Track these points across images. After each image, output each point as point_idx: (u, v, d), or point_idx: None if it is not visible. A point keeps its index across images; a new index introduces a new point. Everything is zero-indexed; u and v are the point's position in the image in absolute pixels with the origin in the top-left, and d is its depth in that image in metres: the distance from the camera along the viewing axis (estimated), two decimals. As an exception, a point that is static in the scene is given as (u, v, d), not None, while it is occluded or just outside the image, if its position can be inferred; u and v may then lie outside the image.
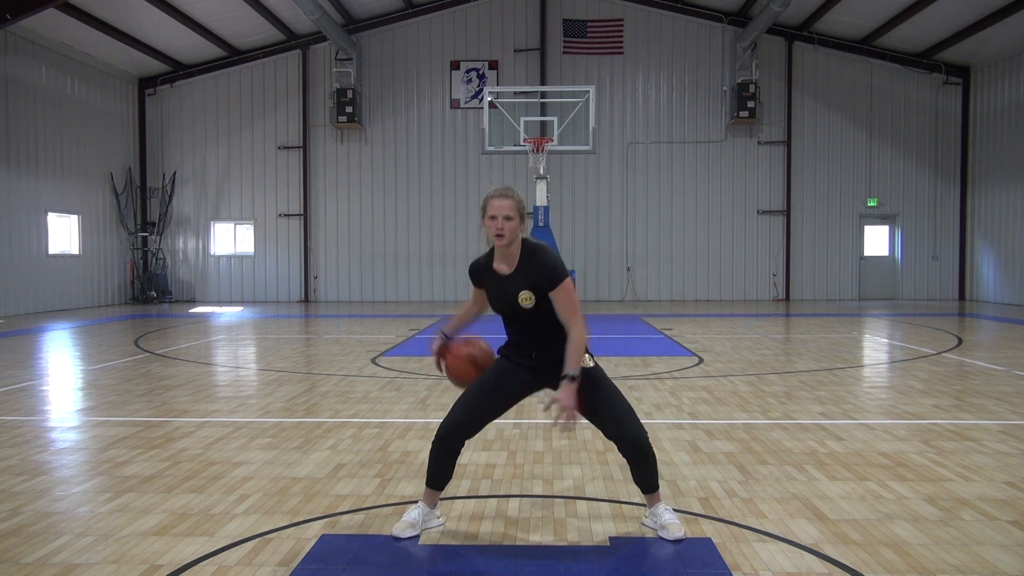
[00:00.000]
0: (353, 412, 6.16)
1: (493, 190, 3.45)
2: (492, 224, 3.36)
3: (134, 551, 3.30)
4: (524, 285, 3.39)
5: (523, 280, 3.40)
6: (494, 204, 3.37)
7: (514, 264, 3.44)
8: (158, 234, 21.10)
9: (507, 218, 3.35)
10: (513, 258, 3.44)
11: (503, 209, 3.35)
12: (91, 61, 18.84)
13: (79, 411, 6.34)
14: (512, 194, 3.41)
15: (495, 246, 3.43)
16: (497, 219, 3.35)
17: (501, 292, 3.46)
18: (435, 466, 3.48)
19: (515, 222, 3.37)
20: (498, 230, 3.35)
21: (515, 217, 3.37)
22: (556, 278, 3.35)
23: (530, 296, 3.39)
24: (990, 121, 19.63)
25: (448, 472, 3.50)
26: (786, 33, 20.44)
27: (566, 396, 3.28)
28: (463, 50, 20.96)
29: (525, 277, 3.40)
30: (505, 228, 3.35)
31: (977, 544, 3.34)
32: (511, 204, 3.37)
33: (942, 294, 20.85)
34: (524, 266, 3.42)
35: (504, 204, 3.36)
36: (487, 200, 3.42)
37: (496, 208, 3.36)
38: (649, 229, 20.90)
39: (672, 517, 3.45)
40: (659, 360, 9.13)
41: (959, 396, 6.72)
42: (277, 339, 11.88)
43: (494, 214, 3.36)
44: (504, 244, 3.38)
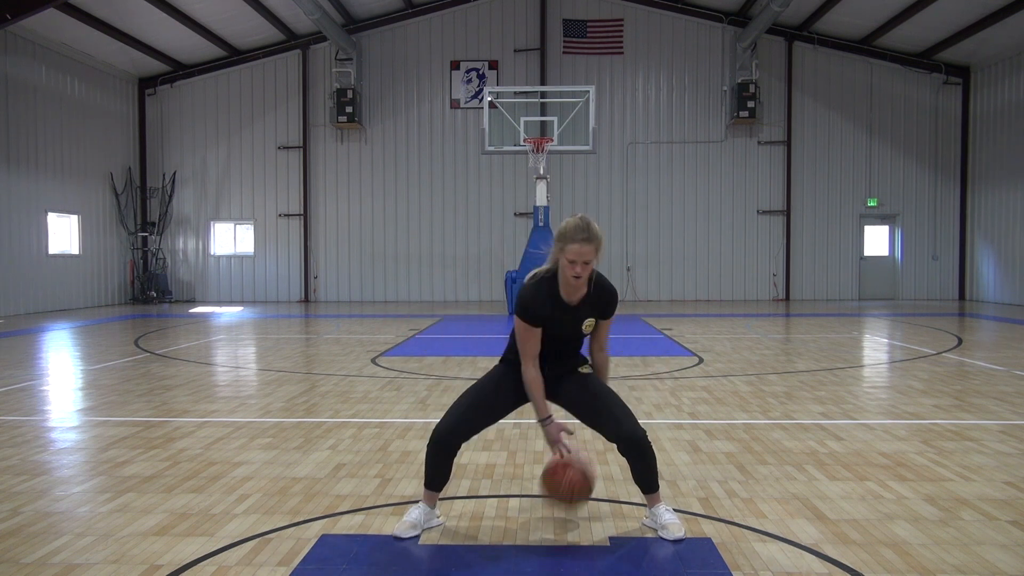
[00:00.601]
0: (353, 412, 6.16)
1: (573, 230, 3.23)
2: (571, 268, 3.26)
3: (134, 551, 3.30)
4: (591, 313, 3.46)
5: (591, 309, 3.46)
6: (574, 250, 3.23)
7: (583, 294, 3.43)
8: (158, 234, 21.10)
9: (586, 263, 3.27)
10: (584, 288, 3.42)
11: (584, 256, 3.25)
12: (91, 61, 18.84)
13: (79, 411, 6.34)
14: (594, 237, 3.25)
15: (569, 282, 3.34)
16: (577, 264, 3.25)
17: (568, 320, 3.43)
18: (431, 468, 3.49)
19: (592, 263, 3.29)
20: (576, 274, 3.28)
21: (593, 260, 3.28)
22: (615, 306, 3.51)
23: (592, 323, 3.47)
24: (990, 121, 19.63)
25: (445, 474, 3.50)
26: (786, 33, 20.44)
27: None
28: (463, 50, 20.96)
29: (592, 305, 3.45)
30: (583, 273, 3.29)
31: (977, 544, 3.34)
32: (592, 249, 3.25)
33: (942, 294, 20.85)
34: (594, 295, 3.45)
35: (586, 251, 3.24)
36: (567, 241, 3.24)
37: (578, 254, 3.23)
38: (649, 229, 20.90)
39: (672, 517, 3.45)
40: (659, 360, 9.13)
41: (959, 396, 6.72)
42: (277, 339, 11.88)
43: (574, 259, 3.24)
44: (580, 285, 3.37)
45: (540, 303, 3.38)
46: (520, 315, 3.38)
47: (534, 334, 3.39)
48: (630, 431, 3.38)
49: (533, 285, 3.41)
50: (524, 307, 3.37)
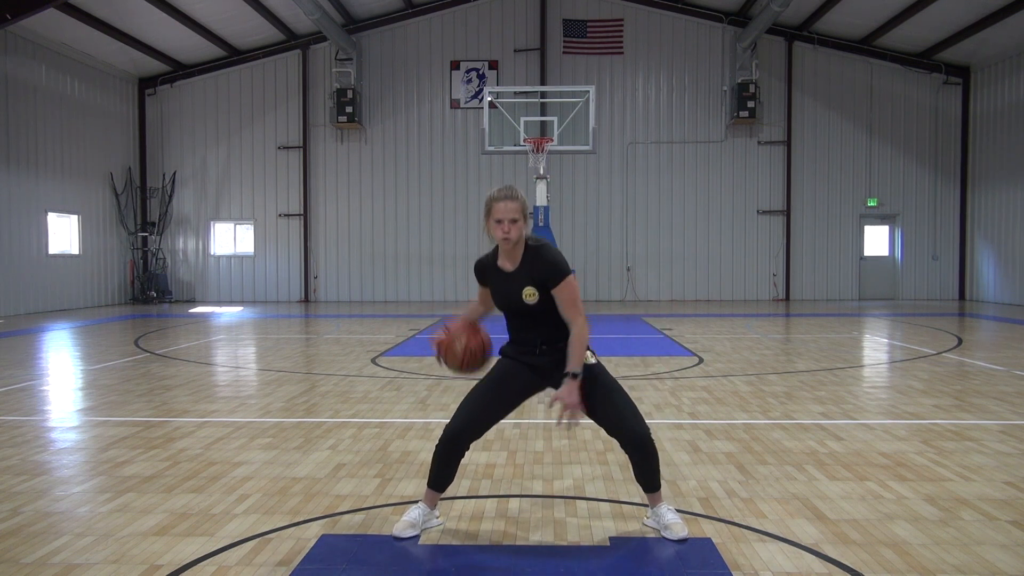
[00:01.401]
0: (353, 412, 6.16)
1: (496, 191, 3.43)
2: (498, 227, 3.37)
3: (134, 551, 3.30)
4: (528, 282, 3.41)
5: (527, 277, 3.42)
6: (499, 207, 3.37)
7: (518, 261, 3.45)
8: (158, 234, 21.10)
9: (512, 221, 3.36)
10: (517, 256, 3.45)
11: (509, 212, 3.35)
12: (91, 61, 18.84)
13: (79, 411, 6.34)
14: (516, 195, 3.40)
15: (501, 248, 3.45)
16: (504, 223, 3.36)
17: (505, 290, 3.47)
18: (438, 469, 3.48)
19: (520, 223, 3.38)
20: (505, 233, 3.36)
21: (520, 219, 3.38)
22: (559, 275, 3.38)
23: (534, 292, 3.41)
24: (990, 121, 19.63)
25: (451, 475, 3.51)
26: (786, 33, 20.44)
27: (568, 393, 3.32)
28: (463, 50, 20.96)
29: (529, 274, 3.42)
30: (511, 231, 3.36)
31: (977, 544, 3.34)
32: (516, 207, 3.37)
33: (942, 294, 20.85)
34: (528, 263, 3.43)
35: (510, 207, 3.36)
36: (491, 202, 3.40)
37: (502, 211, 3.36)
38: (649, 229, 20.90)
39: (675, 517, 3.45)
40: (659, 360, 9.13)
41: (959, 396, 6.72)
42: (277, 339, 11.88)
43: (500, 218, 3.36)
44: (510, 246, 3.41)
45: (482, 267, 3.58)
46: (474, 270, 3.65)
47: (481, 290, 3.64)
48: (633, 427, 3.37)
49: (486, 254, 3.60)
50: (475, 265, 3.65)
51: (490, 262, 3.54)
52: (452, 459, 3.46)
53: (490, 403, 3.49)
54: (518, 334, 3.56)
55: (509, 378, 3.53)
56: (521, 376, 3.53)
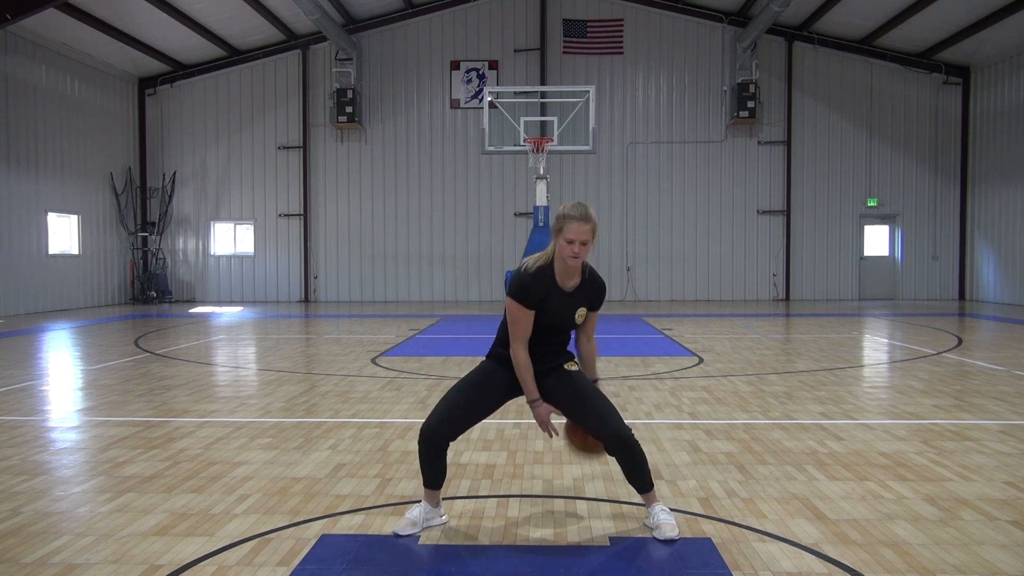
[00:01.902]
0: (353, 412, 6.16)
1: (571, 209, 3.35)
2: (569, 247, 3.34)
3: (134, 551, 3.30)
4: (584, 302, 3.49)
5: (584, 297, 3.49)
6: (573, 228, 3.32)
7: (578, 281, 3.48)
8: (158, 234, 21.10)
9: (583, 243, 3.34)
10: (577, 275, 3.48)
11: (583, 234, 3.33)
12: (91, 61, 18.84)
13: (79, 411, 6.34)
14: (591, 217, 3.36)
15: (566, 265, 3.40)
16: (575, 243, 3.33)
17: (562, 307, 3.46)
18: (425, 467, 3.49)
19: (590, 245, 3.37)
20: (575, 254, 3.34)
21: (590, 241, 3.36)
22: (604, 298, 3.58)
23: (584, 313, 3.51)
24: (990, 121, 19.63)
25: (440, 471, 3.50)
26: (786, 33, 20.44)
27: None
28: (463, 50, 20.96)
29: (586, 294, 3.50)
30: (581, 253, 3.35)
31: (977, 544, 3.34)
32: (589, 229, 3.34)
33: (942, 294, 20.85)
34: (587, 284, 3.50)
35: (584, 229, 3.32)
36: (565, 220, 3.34)
37: (576, 233, 3.32)
38: (649, 229, 20.90)
39: (667, 517, 3.45)
40: (659, 360, 9.13)
41: (959, 396, 6.72)
42: (277, 339, 11.88)
43: (573, 238, 3.32)
44: (578, 265, 3.42)
45: (537, 285, 3.40)
46: (516, 296, 3.39)
47: (528, 317, 3.41)
48: (615, 429, 3.38)
49: (530, 267, 3.46)
50: (522, 288, 3.38)
51: (547, 281, 3.43)
52: (433, 457, 3.46)
53: (469, 404, 3.50)
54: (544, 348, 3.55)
55: (493, 381, 3.55)
56: (504, 379, 3.54)
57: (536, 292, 3.39)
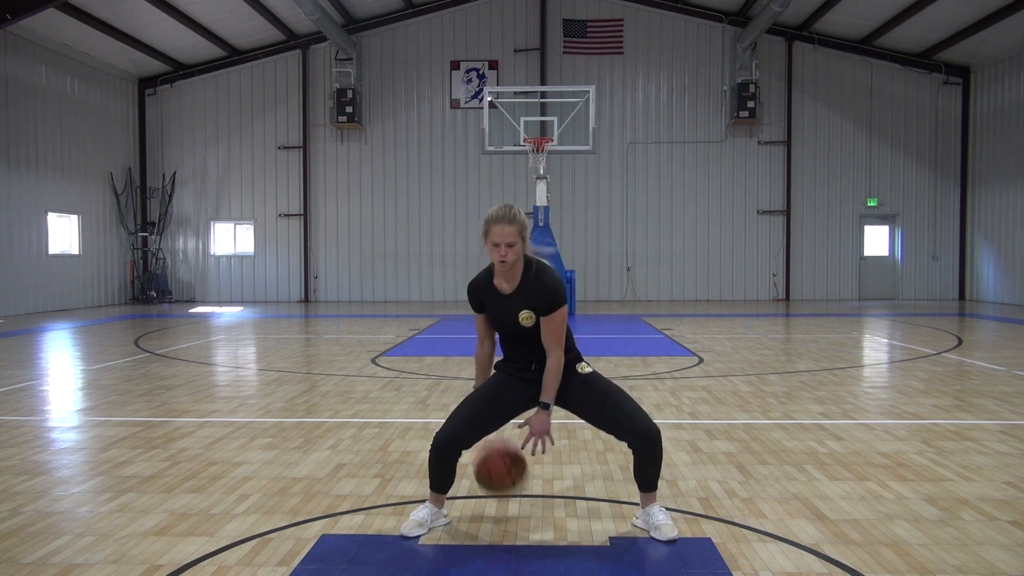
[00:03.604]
0: (353, 412, 6.16)
1: (495, 213, 3.37)
2: (495, 251, 3.33)
3: (134, 551, 3.30)
4: (525, 304, 3.40)
5: (524, 299, 3.41)
6: (496, 231, 3.32)
7: (516, 283, 3.43)
8: (158, 234, 21.10)
9: (509, 245, 3.32)
10: (515, 277, 3.43)
11: (506, 236, 3.31)
12: (91, 61, 18.84)
13: (79, 411, 6.34)
14: (514, 218, 3.34)
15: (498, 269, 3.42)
16: (500, 246, 3.32)
17: (501, 311, 3.45)
18: (435, 473, 3.49)
19: (517, 246, 3.34)
20: (501, 257, 3.33)
21: (517, 242, 3.34)
22: (555, 303, 3.37)
23: (530, 316, 3.41)
24: (990, 121, 19.63)
25: (450, 478, 3.51)
26: (786, 33, 20.44)
27: (538, 423, 3.40)
28: (463, 50, 20.96)
29: (527, 296, 3.41)
30: (508, 255, 3.33)
31: (977, 544, 3.34)
32: (514, 230, 3.32)
33: (942, 294, 20.85)
34: (527, 286, 3.42)
35: (507, 231, 3.31)
36: (489, 225, 3.35)
37: (498, 235, 3.31)
38: (649, 229, 20.90)
39: (666, 518, 3.44)
40: (659, 360, 9.13)
41: (959, 396, 6.72)
42: (277, 339, 11.88)
43: (497, 241, 3.32)
44: (506, 269, 3.38)
45: (477, 289, 3.51)
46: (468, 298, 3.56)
47: (480, 318, 3.56)
48: (644, 426, 3.37)
49: (479, 273, 3.53)
50: (469, 291, 3.55)
51: (485, 284, 3.49)
52: (445, 465, 3.46)
53: (483, 415, 3.48)
54: (512, 351, 3.56)
55: (505, 391, 3.52)
56: (516, 389, 3.52)
57: (476, 295, 3.51)
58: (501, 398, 3.51)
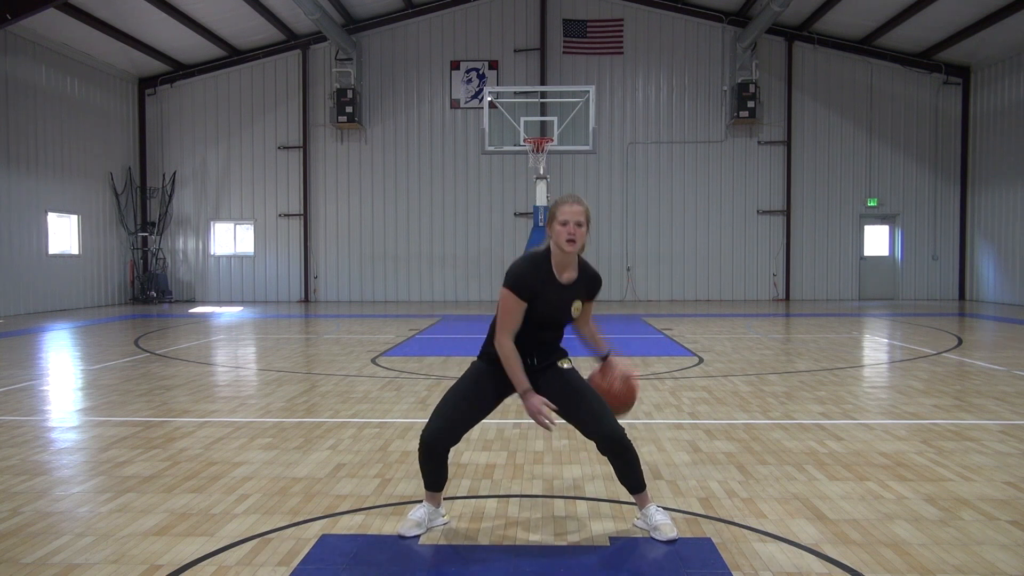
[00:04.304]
0: (353, 412, 6.16)
1: (564, 195, 3.42)
2: (563, 230, 3.31)
3: (134, 551, 3.30)
4: (581, 295, 3.45)
5: (581, 289, 3.45)
6: (566, 210, 3.33)
7: (575, 273, 3.44)
8: (158, 234, 21.10)
9: (578, 224, 3.32)
10: (575, 267, 3.44)
11: (576, 215, 3.32)
12: (91, 61, 18.84)
13: (79, 411, 6.34)
14: (583, 200, 3.40)
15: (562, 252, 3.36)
16: (569, 224, 3.31)
17: (557, 300, 3.41)
18: (426, 471, 3.48)
19: (584, 229, 3.35)
20: (570, 235, 3.31)
21: (585, 224, 3.35)
22: (599, 287, 3.56)
23: (579, 306, 3.46)
24: (990, 121, 19.63)
25: (442, 475, 3.49)
26: (786, 33, 20.44)
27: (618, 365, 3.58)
28: (463, 50, 20.96)
29: (583, 286, 3.46)
30: (577, 234, 3.32)
31: (977, 544, 3.34)
32: (583, 210, 3.35)
33: (942, 294, 20.85)
34: (583, 275, 3.46)
35: (577, 210, 3.33)
36: (558, 205, 3.37)
37: (568, 214, 3.32)
38: (649, 229, 20.90)
39: (664, 518, 3.43)
40: (659, 360, 9.13)
41: (959, 396, 6.72)
42: (277, 339, 11.88)
43: (566, 219, 3.31)
44: (574, 250, 3.36)
45: (533, 276, 3.35)
46: (512, 286, 3.33)
47: (520, 308, 3.34)
48: (608, 429, 3.34)
49: (527, 258, 3.43)
50: (517, 278, 3.33)
51: (543, 272, 3.38)
52: (435, 462, 3.44)
53: (466, 408, 3.45)
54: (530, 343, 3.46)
55: (484, 382, 3.50)
56: (497, 378, 3.47)
57: (531, 283, 3.34)
58: (481, 390, 3.49)
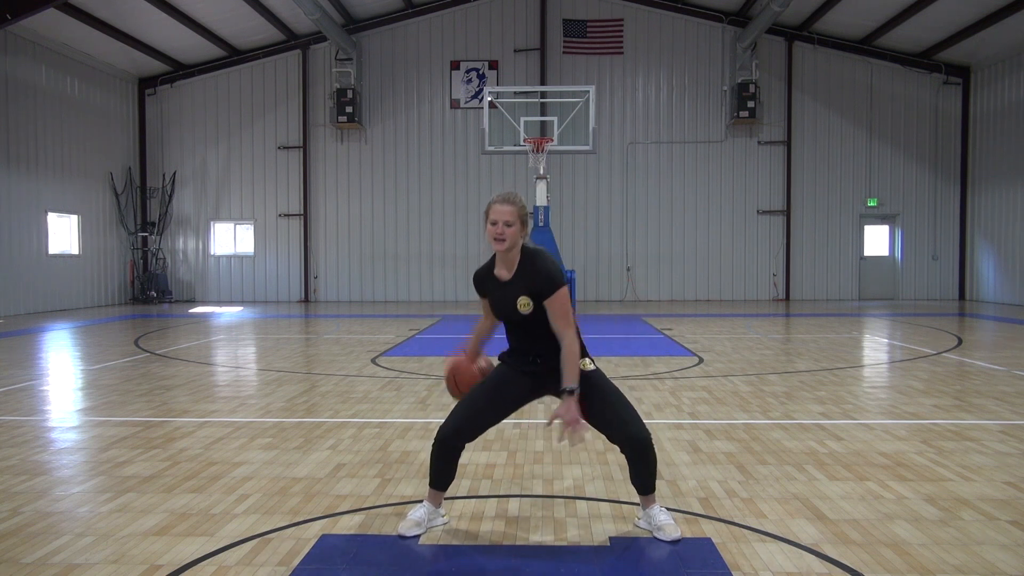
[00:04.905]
0: (353, 412, 6.16)
1: (496, 195, 3.48)
2: (492, 229, 3.39)
3: (134, 551, 3.30)
4: (523, 291, 3.41)
5: (522, 286, 3.41)
6: (495, 209, 3.40)
7: (513, 270, 3.46)
8: (158, 234, 21.10)
9: (507, 224, 3.37)
10: (513, 264, 3.46)
11: (504, 215, 3.37)
12: (91, 61, 18.84)
13: (79, 411, 6.34)
14: (514, 200, 3.43)
15: (495, 252, 3.46)
16: (498, 224, 3.37)
17: (501, 298, 3.47)
18: (436, 468, 3.50)
19: (515, 228, 3.39)
20: (498, 235, 3.37)
21: (515, 223, 3.39)
22: (553, 286, 3.35)
23: (528, 302, 3.40)
24: (990, 121, 19.63)
25: (450, 473, 3.52)
26: (786, 33, 20.44)
27: (567, 410, 3.28)
28: (463, 50, 20.96)
29: (524, 283, 3.41)
30: (505, 234, 3.37)
31: (977, 544, 3.34)
32: (512, 210, 3.39)
33: (942, 294, 20.85)
34: (523, 272, 3.43)
35: (505, 210, 3.38)
36: (489, 205, 3.44)
37: (497, 213, 3.38)
38: (649, 229, 20.90)
39: (668, 518, 3.45)
40: (659, 360, 9.13)
41: (959, 396, 6.72)
42: (277, 339, 11.88)
43: (495, 219, 3.38)
44: (503, 249, 3.40)
45: (483, 273, 3.57)
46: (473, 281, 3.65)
47: (483, 303, 3.64)
48: (636, 433, 3.37)
49: (485, 263, 3.61)
50: (474, 275, 3.63)
51: (487, 271, 3.56)
52: (447, 459, 3.48)
53: (486, 407, 3.49)
54: (515, 343, 3.57)
55: (506, 384, 3.53)
56: (519, 382, 3.53)
57: (479, 281, 3.59)
58: (503, 392, 3.52)
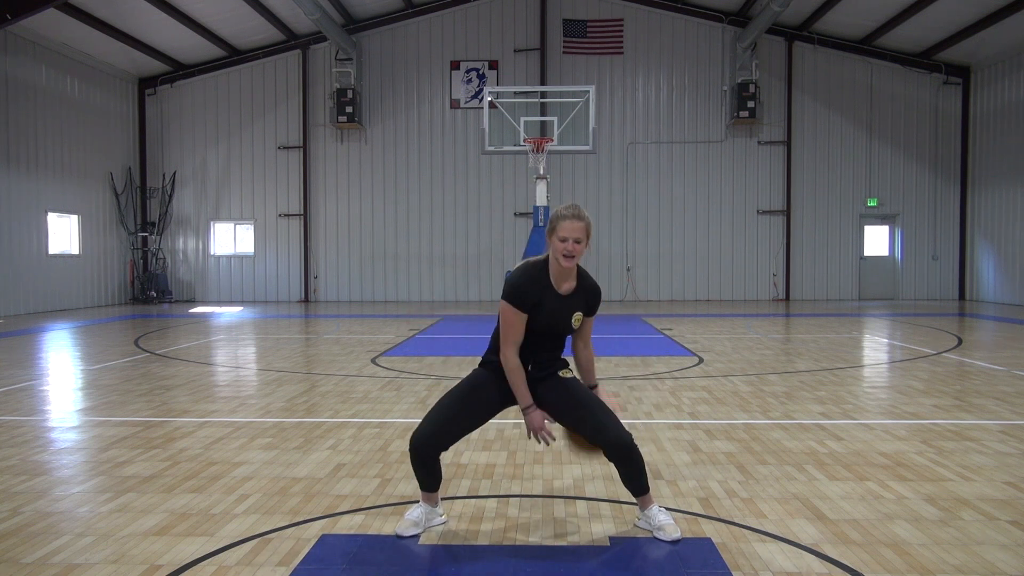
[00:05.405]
0: (353, 412, 6.16)
1: (564, 209, 3.40)
2: (562, 246, 3.34)
3: (134, 551, 3.30)
4: (581, 306, 3.48)
5: (580, 300, 3.47)
6: (566, 226, 3.35)
7: (574, 284, 3.47)
8: (158, 234, 21.10)
9: (576, 241, 3.34)
10: (574, 278, 3.47)
11: (575, 231, 3.34)
12: (91, 61, 18.84)
13: (79, 411, 6.34)
14: (583, 216, 3.39)
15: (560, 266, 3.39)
16: (568, 241, 3.34)
17: (556, 310, 3.42)
18: (418, 474, 3.48)
19: (583, 244, 3.37)
20: (568, 252, 3.34)
21: (584, 240, 3.37)
22: (599, 301, 3.57)
23: (580, 317, 3.49)
24: (990, 121, 19.63)
25: (435, 475, 3.48)
26: (786, 33, 20.44)
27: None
28: (463, 50, 20.96)
29: (582, 298, 3.48)
30: (575, 251, 3.35)
31: (977, 544, 3.34)
32: (582, 226, 3.36)
33: (942, 294, 20.85)
34: (582, 288, 3.48)
35: (577, 227, 3.35)
36: (558, 220, 3.37)
37: (568, 230, 3.34)
38: (649, 229, 20.90)
39: (667, 518, 3.44)
40: (659, 360, 9.13)
41: (959, 396, 6.72)
42: (277, 339, 11.88)
43: (565, 236, 3.34)
44: (572, 265, 3.39)
45: (531, 287, 3.38)
46: (509, 299, 3.36)
47: (520, 320, 3.38)
48: (616, 437, 3.32)
49: (525, 269, 3.45)
50: (515, 289, 3.36)
51: (542, 283, 3.41)
52: (426, 464, 3.43)
53: (459, 414, 3.44)
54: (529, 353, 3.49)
55: (482, 390, 3.50)
56: (495, 388, 3.49)
57: (530, 295, 3.37)
58: (478, 398, 3.48)
